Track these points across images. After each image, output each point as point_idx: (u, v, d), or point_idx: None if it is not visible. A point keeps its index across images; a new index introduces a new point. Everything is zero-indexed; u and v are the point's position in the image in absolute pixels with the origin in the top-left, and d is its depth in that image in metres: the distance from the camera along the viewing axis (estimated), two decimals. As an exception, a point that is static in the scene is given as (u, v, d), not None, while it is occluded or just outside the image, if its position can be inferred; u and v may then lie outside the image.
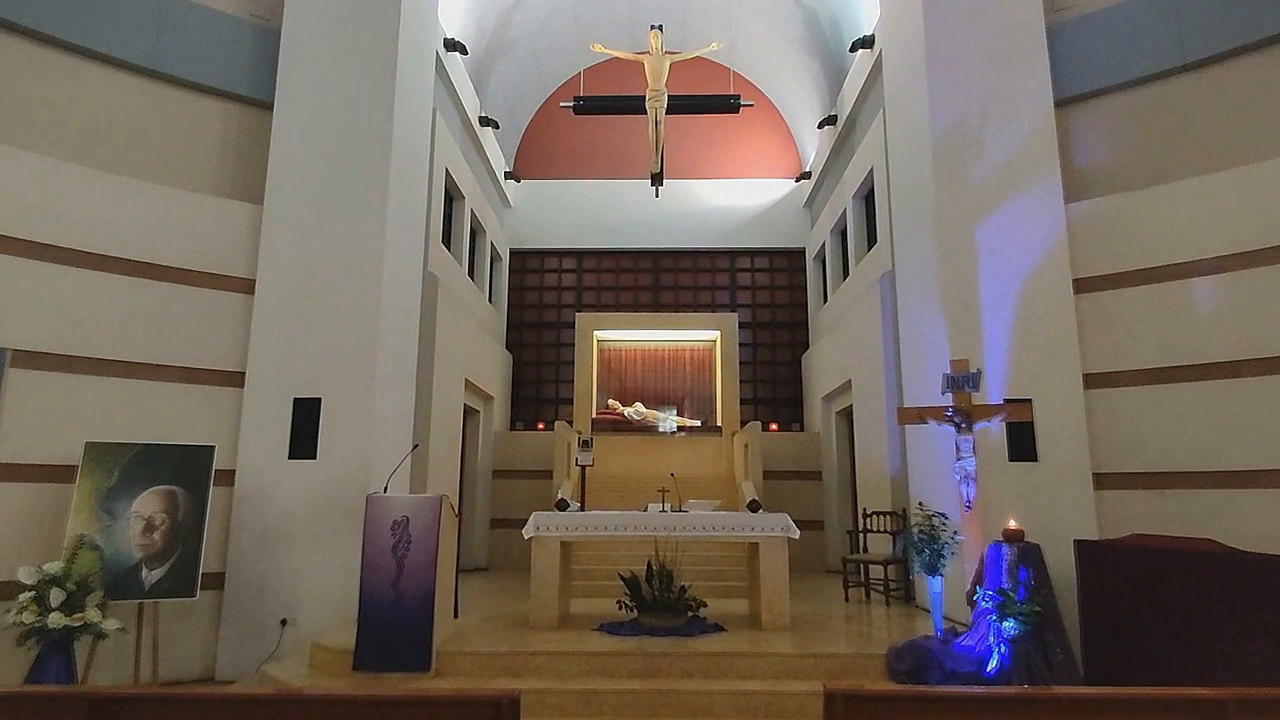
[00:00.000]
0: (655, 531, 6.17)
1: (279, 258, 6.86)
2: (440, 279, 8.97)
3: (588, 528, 6.24)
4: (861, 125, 10.30)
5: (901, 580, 7.79)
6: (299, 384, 6.66)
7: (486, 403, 11.67)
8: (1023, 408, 5.75)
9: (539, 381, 13.82)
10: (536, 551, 6.18)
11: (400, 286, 7.40)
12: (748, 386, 13.51)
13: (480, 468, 11.30)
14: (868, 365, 9.06)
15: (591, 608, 7.04)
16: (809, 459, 11.73)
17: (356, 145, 7.12)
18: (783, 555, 6.13)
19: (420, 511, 5.26)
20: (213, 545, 6.29)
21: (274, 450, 6.55)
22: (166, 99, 6.88)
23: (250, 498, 6.47)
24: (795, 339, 13.84)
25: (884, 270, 8.78)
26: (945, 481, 6.76)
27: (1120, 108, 7.00)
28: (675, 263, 14.24)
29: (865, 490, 9.10)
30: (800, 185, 14.05)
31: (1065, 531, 5.87)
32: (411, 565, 5.17)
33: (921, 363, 7.35)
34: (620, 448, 12.33)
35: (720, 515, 6.31)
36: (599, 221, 14.03)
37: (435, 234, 9.16)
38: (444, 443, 9.02)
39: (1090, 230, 6.77)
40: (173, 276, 6.52)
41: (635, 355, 13.76)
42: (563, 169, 14.38)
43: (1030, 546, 5.22)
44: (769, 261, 14.21)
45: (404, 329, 7.53)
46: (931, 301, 7.16)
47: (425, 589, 5.13)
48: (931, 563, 5.43)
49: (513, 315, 13.92)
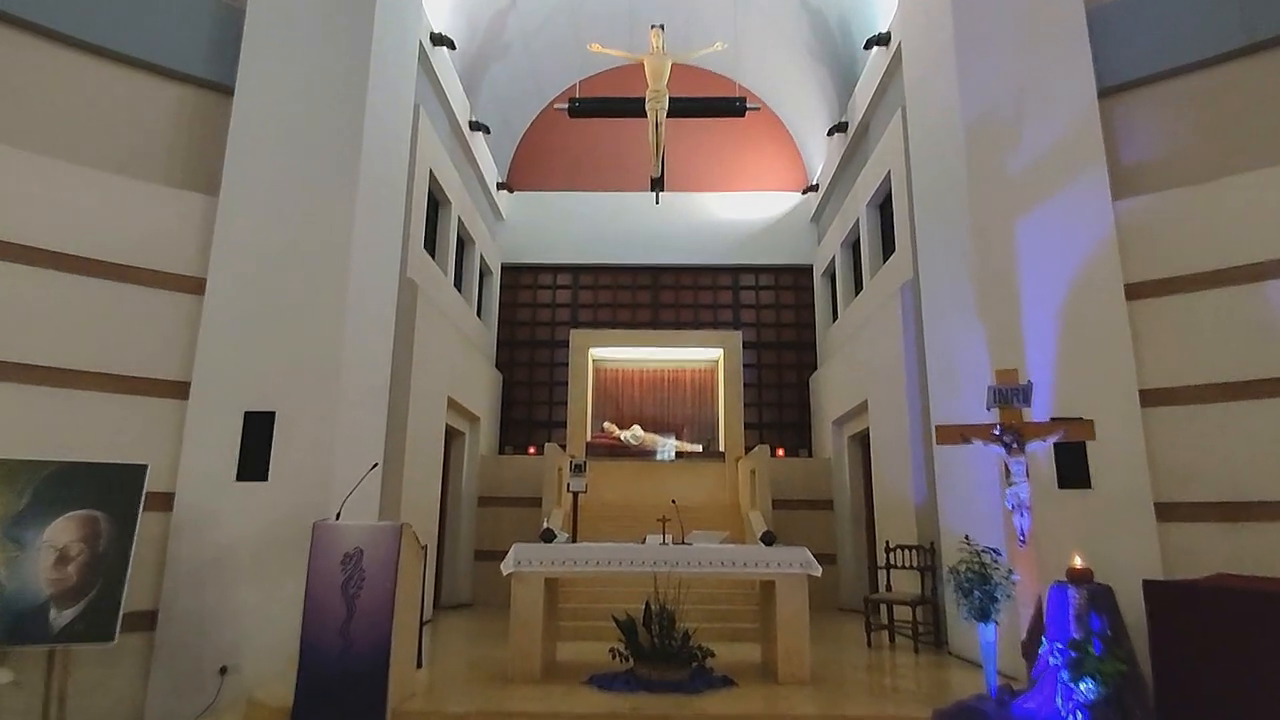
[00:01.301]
0: (655, 567, 5.34)
1: (233, 254, 6.11)
2: (420, 286, 8.23)
3: (577, 562, 5.41)
4: (875, 129, 9.65)
5: (931, 623, 6.94)
6: (251, 396, 5.87)
7: (473, 424, 10.85)
8: (1083, 427, 4.95)
9: (531, 403, 13.02)
10: (517, 590, 5.34)
11: (371, 290, 6.64)
12: (752, 410, 12.71)
13: (465, 494, 10.45)
14: (887, 383, 8.29)
15: (581, 654, 6.18)
16: (819, 487, 10.90)
17: (324, 135, 6.42)
18: (802, 595, 5.30)
19: (376, 542, 4.44)
20: (144, 580, 5.46)
21: (219, 471, 5.74)
22: (112, 78, 6.18)
23: (190, 525, 5.64)
24: (802, 360, 13.07)
25: (904, 280, 8.05)
26: (983, 512, 5.96)
27: (1173, 95, 6.32)
28: (676, 279, 13.53)
29: (886, 522, 8.26)
30: (806, 199, 13.40)
31: (1126, 570, 5.04)
32: (364, 607, 4.34)
33: (952, 377, 6.58)
34: (616, 474, 11.51)
35: (729, 549, 5.49)
36: (596, 236, 13.35)
37: (416, 239, 8.44)
38: (422, 465, 8.20)
39: (1142, 230, 6.05)
40: (110, 272, 5.76)
41: (633, 377, 12.99)
42: (559, 181, 13.73)
43: (1100, 589, 4.40)
44: (774, 278, 13.51)
45: (375, 338, 6.76)
46: (965, 309, 6.41)
47: (380, 635, 4.29)
48: (983, 608, 4.58)
49: (504, 333, 13.16)
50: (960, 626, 6.38)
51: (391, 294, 7.18)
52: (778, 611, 5.26)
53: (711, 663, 5.20)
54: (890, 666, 6.09)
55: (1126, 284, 5.94)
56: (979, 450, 5.90)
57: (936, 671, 5.87)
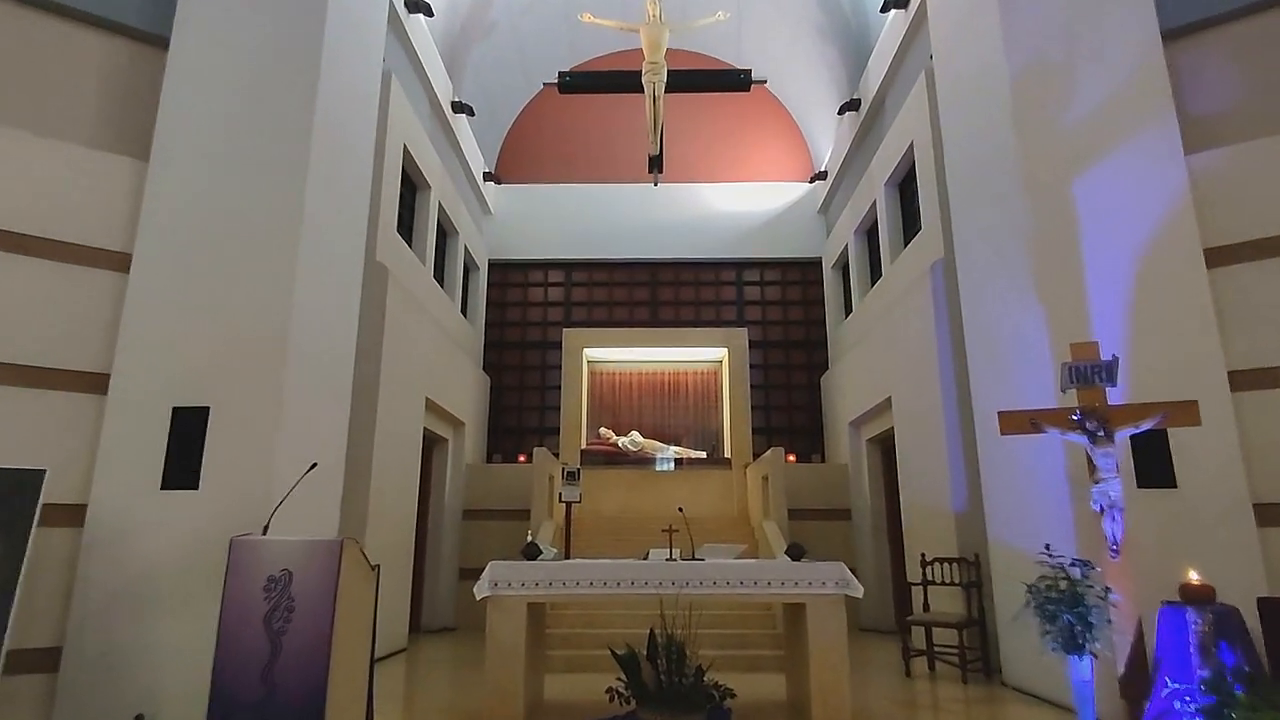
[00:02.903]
0: (661, 588, 4.43)
1: (164, 226, 5.23)
2: (393, 273, 7.35)
3: (567, 583, 4.49)
4: (894, 101, 8.82)
5: (979, 648, 6.01)
6: (181, 389, 4.97)
7: (456, 429, 9.93)
8: (1186, 409, 4.06)
9: (521, 409, 12.09)
10: (494, 619, 4.42)
11: (326, 271, 5.76)
12: (759, 414, 11.81)
13: (448, 506, 9.52)
14: (916, 376, 7.40)
15: (574, 690, 5.26)
16: (835, 495, 10.00)
17: (271, 92, 5.55)
18: (838, 621, 4.38)
19: (310, 562, 3.53)
20: (45, 610, 4.55)
21: (142, 478, 4.82)
22: (31, 25, 5.33)
23: (105, 543, 4.71)
24: (812, 360, 12.18)
25: (934, 260, 7.19)
26: (1045, 517, 5.06)
27: (1246, 37, 5.50)
28: (675, 275, 12.65)
29: (918, 532, 7.35)
30: (813, 189, 12.57)
31: (1224, 585, 4.14)
32: (294, 644, 3.42)
33: (1001, 361, 5.71)
34: (614, 483, 10.59)
35: (749, 566, 4.57)
36: (590, 230, 12.48)
37: (388, 220, 7.57)
38: (395, 473, 7.28)
39: (1220, 187, 5.20)
40: (12, 244, 4.88)
41: (631, 380, 12.08)
42: (550, 172, 12.89)
43: (1226, 611, 3.50)
44: (780, 273, 12.63)
45: (333, 325, 5.87)
46: (1015, 283, 5.55)
47: (313, 680, 3.37)
48: (1074, 636, 3.66)
49: (492, 334, 12.26)
50: (1017, 652, 5.47)
51: (355, 277, 6.29)
52: (809, 640, 4.35)
53: (731, 704, 4.27)
54: (942, 704, 5.17)
55: (1205, 249, 5.09)
56: (1036, 445, 5.04)
57: (998, 711, 4.94)
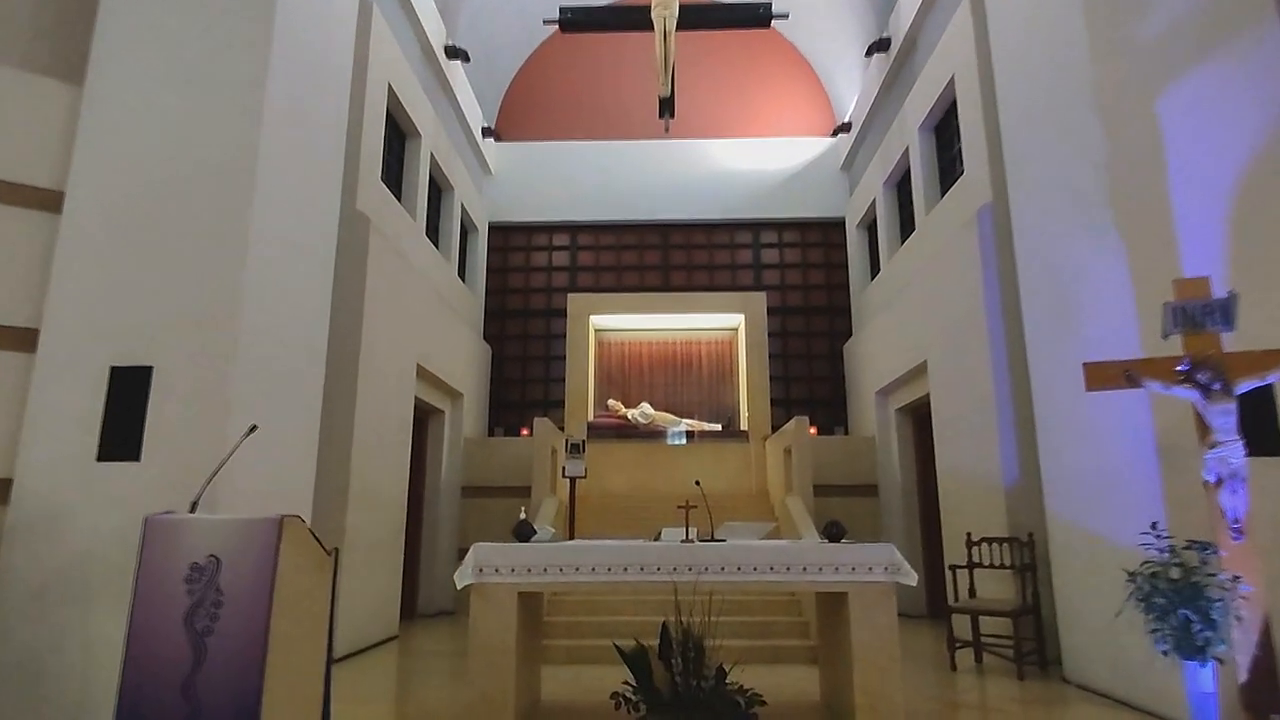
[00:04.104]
0: (675, 575, 3.74)
1: (101, 159, 4.54)
2: (376, 224, 6.63)
3: (565, 569, 3.81)
4: (931, 32, 7.97)
5: (1034, 639, 5.32)
6: (120, 346, 4.30)
7: (454, 401, 9.27)
8: (1328, 354, 3.31)
9: (525, 381, 11.42)
10: (479, 610, 3.76)
11: (293, 215, 5.06)
12: (778, 385, 11.07)
13: (445, 483, 8.88)
14: (958, 335, 6.65)
15: (575, 687, 4.61)
16: (861, 469, 9.30)
17: (222, 7, 4.82)
18: (888, 613, 3.69)
19: (243, 547, 2.85)
20: (-38, 601, 3.92)
21: (75, 448, 4.17)
22: (-62, -73, 4.62)
23: (30, 526, 4.08)
24: (834, 327, 11.42)
25: (981, 204, 6.41)
26: (1122, 491, 4.33)
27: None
28: (688, 238, 11.87)
29: (959, 508, 6.63)
30: (835, 145, 11.72)
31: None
32: (222, 648, 2.76)
33: (1068, 309, 4.94)
34: (623, 458, 9.92)
35: (780, 549, 3.87)
36: (597, 190, 11.71)
37: (370, 165, 6.84)
38: (383, 446, 6.62)
39: (1335, 101, 4.39)
40: (-81, 179, 4.21)
41: (641, 350, 11.36)
42: (554, 129, 12.09)
43: (1394, 607, 2.77)
44: (800, 235, 11.83)
45: (301, 275, 5.17)
46: (1086, 219, 4.78)
47: (244, 693, 2.71)
48: (1193, 638, 2.94)
49: (493, 301, 11.55)
50: (1081, 646, 4.77)
51: (328, 224, 5.59)
52: (853, 636, 3.66)
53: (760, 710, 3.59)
54: (1005, 708, 4.47)
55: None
56: (1112, 407, 4.31)
57: (1063, 711, 4.25)
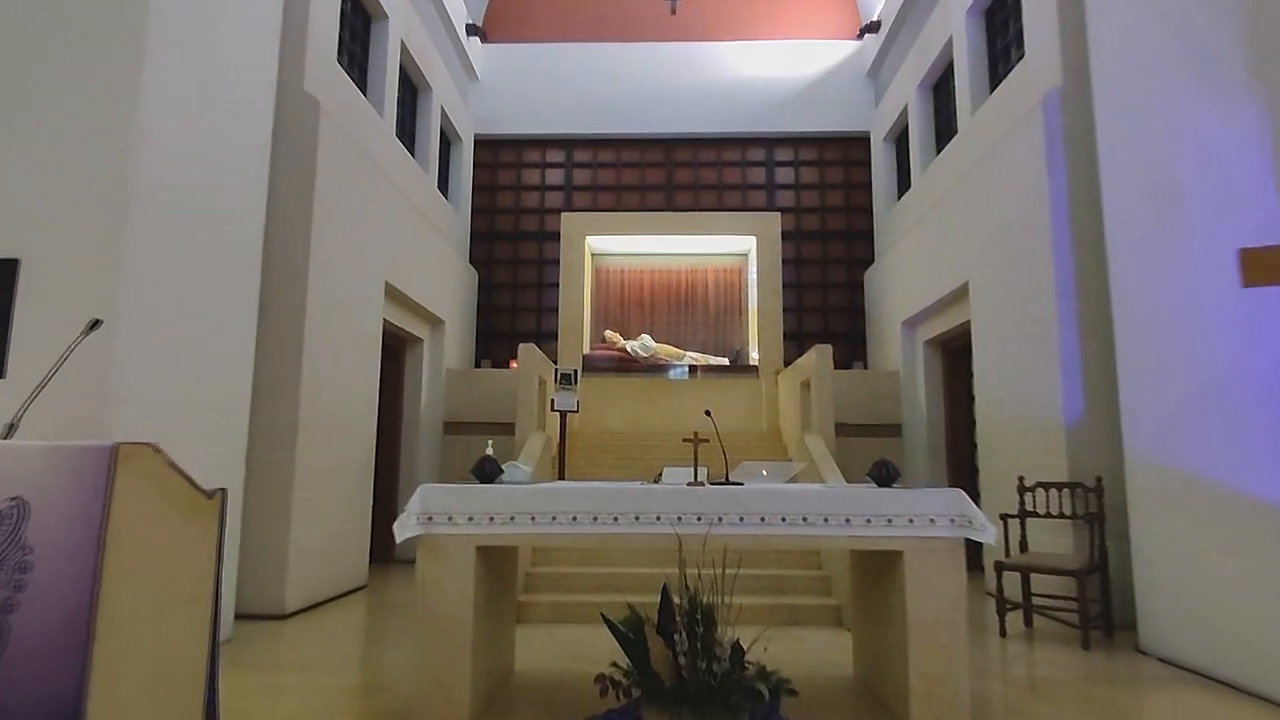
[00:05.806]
0: (681, 526, 2.89)
1: (-53, -6, 3.54)
2: (328, 110, 5.60)
3: (537, 518, 2.96)
4: (985, -103, 6.78)
5: (1101, 601, 4.52)
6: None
7: (434, 328, 8.37)
8: None
9: (515, 310, 10.49)
10: (426, 569, 2.91)
11: (199, 73, 4.06)
12: (790, 317, 10.11)
13: (425, 418, 8.06)
14: (1012, 250, 5.68)
15: (560, 654, 3.83)
16: (884, 407, 8.44)
17: None
18: (955, 578, 2.84)
19: (60, 485, 1.98)
20: None
21: (-80, 362, 3.30)
22: None
23: None
24: (853, 254, 10.41)
25: (1047, 91, 5.36)
26: (1238, 428, 3.44)
27: None
28: (694, 154, 10.76)
29: (1003, 449, 5.78)
30: (860, 49, 10.51)
31: None
32: (27, 625, 1.91)
33: (1177, 200, 3.97)
34: (621, 394, 9.08)
35: (821, 494, 3.00)
36: (595, 99, 10.55)
37: (322, 42, 5.77)
38: (344, 372, 5.74)
39: None
40: None
41: (642, 279, 10.39)
42: (547, 29, 10.86)
43: None
44: (818, 152, 10.71)
45: (218, 154, 4.20)
46: (1209, 88, 3.77)
47: (60, 688, 1.88)
48: None
49: (481, 223, 10.53)
50: (1162, 612, 3.96)
51: (262, 101, 4.59)
52: (909, 605, 2.82)
53: (788, 704, 2.78)
54: (1087, 691, 3.68)
55: None
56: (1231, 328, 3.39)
57: (1159, 691, 3.46)
